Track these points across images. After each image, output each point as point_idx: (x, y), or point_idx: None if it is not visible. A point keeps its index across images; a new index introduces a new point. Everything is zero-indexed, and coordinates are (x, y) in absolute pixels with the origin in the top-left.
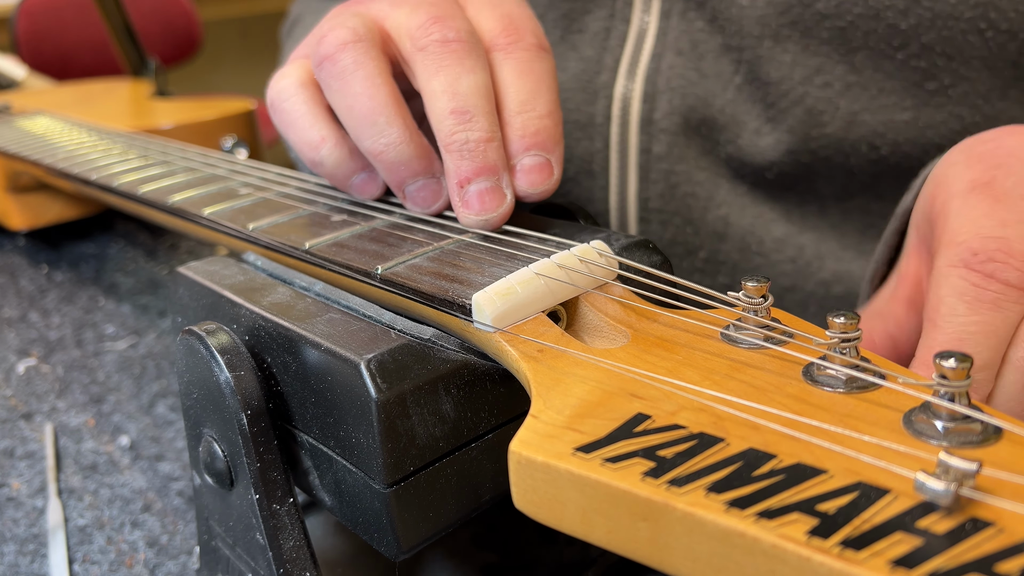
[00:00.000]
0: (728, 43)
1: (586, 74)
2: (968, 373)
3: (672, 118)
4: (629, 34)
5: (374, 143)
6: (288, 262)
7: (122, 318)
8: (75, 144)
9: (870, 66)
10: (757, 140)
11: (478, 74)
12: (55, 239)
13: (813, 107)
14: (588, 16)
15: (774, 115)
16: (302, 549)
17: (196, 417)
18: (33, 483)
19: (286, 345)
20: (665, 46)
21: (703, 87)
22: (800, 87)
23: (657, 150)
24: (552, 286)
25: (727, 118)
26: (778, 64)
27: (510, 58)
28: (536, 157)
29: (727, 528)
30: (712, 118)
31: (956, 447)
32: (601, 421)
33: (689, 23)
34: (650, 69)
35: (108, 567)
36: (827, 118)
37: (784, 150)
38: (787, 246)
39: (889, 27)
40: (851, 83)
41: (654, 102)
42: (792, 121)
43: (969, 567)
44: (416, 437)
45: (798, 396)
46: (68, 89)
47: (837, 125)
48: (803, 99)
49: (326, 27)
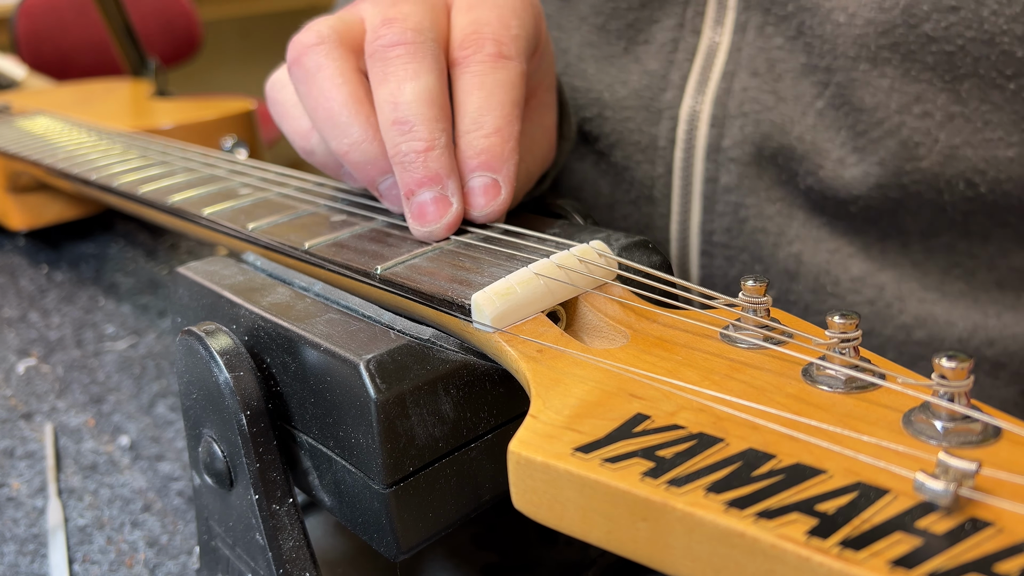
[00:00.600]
0: (813, 64)
1: (650, 90)
2: (968, 373)
3: (744, 147)
4: (699, 48)
5: (338, 144)
6: (288, 262)
7: (122, 318)
8: (75, 144)
9: (977, 96)
10: (842, 172)
11: (422, 79)
12: (55, 239)
13: (909, 139)
14: (655, 26)
15: (864, 145)
16: (302, 549)
17: (196, 417)
18: (33, 483)
19: (285, 345)
20: (739, 64)
21: (780, 112)
22: (896, 116)
23: (725, 180)
24: (551, 286)
25: (807, 146)
26: (873, 90)
27: (465, 72)
28: (481, 178)
29: (726, 528)
30: (790, 147)
31: (955, 447)
32: (600, 421)
33: (767, 39)
34: (720, 89)
35: (108, 567)
36: (923, 151)
37: (873, 184)
38: (866, 286)
39: (1003, 54)
40: (954, 114)
41: (723, 127)
42: (884, 153)
43: (968, 567)
44: (415, 437)
45: (797, 396)
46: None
47: (934, 159)
48: (899, 129)
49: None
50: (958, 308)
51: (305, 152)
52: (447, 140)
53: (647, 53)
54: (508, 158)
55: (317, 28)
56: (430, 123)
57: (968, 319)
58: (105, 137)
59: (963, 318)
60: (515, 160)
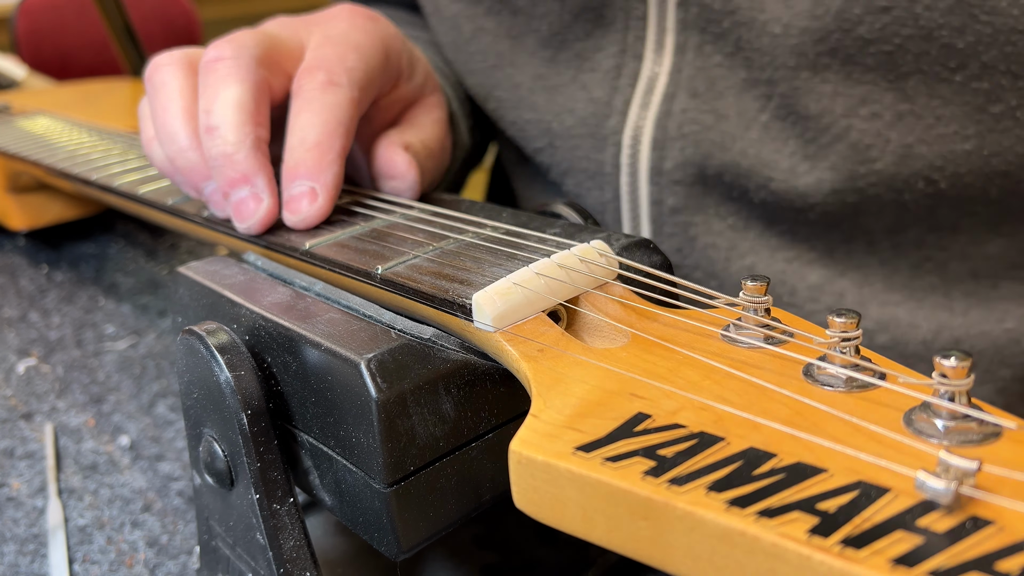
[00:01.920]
0: (755, 77)
1: (595, 118)
2: (969, 372)
3: (686, 169)
4: (641, 73)
5: (169, 150)
6: (288, 262)
7: (122, 318)
8: (75, 144)
9: (924, 92)
10: (794, 181)
11: (232, 88)
12: (55, 239)
13: (859, 141)
14: (600, 54)
15: (814, 152)
16: (302, 549)
17: (196, 417)
18: (33, 483)
19: (286, 345)
20: (678, 86)
21: (720, 130)
22: (844, 120)
23: (671, 202)
24: (552, 286)
25: (751, 160)
26: (817, 96)
27: (297, 97)
28: (300, 186)
29: (727, 527)
30: (734, 163)
31: (956, 446)
32: (601, 420)
33: (706, 58)
34: (661, 112)
35: (108, 567)
36: (876, 152)
37: (828, 190)
38: (824, 293)
39: (944, 47)
40: (902, 112)
41: (664, 150)
42: (836, 158)
43: (969, 566)
44: (416, 437)
45: (798, 395)
46: (68, 89)
47: (888, 160)
48: (847, 133)
49: None
50: (924, 308)
51: (149, 158)
52: (254, 141)
53: (592, 80)
54: (327, 169)
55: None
56: (237, 127)
57: (933, 319)
58: (105, 137)
59: (927, 319)
60: (335, 172)
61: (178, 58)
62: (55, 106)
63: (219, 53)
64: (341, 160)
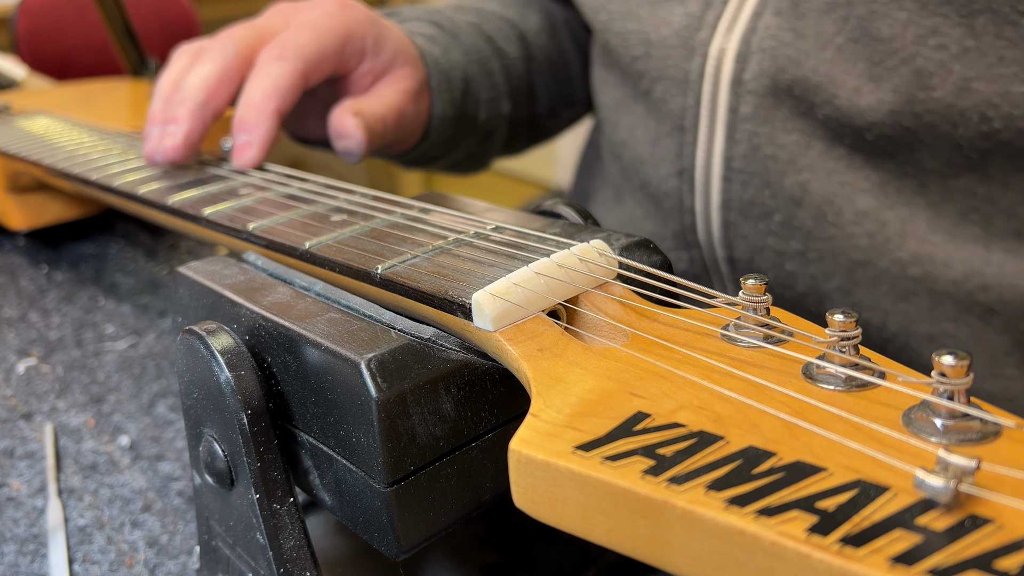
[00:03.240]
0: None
1: (687, 30)
2: (967, 371)
3: (760, 80)
4: None
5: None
6: (288, 262)
7: (122, 318)
8: (75, 144)
9: (991, 31)
10: (857, 100)
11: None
12: (55, 239)
13: (923, 68)
14: None
15: (879, 74)
16: (302, 549)
17: (196, 417)
18: (33, 483)
19: (286, 345)
20: (766, 5)
21: (796, 47)
22: (912, 46)
23: (744, 110)
24: (552, 285)
25: (822, 77)
26: (891, 21)
27: (255, 67)
28: (240, 138)
29: (727, 526)
30: (804, 78)
31: (955, 444)
32: (601, 420)
33: None
34: (747, 28)
35: (108, 567)
36: (937, 81)
37: (887, 111)
38: (868, 220)
39: None
40: (968, 48)
41: (746, 62)
42: (899, 80)
43: (968, 564)
44: (416, 436)
45: (798, 394)
46: (68, 89)
47: (947, 90)
48: (913, 59)
49: None
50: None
51: None
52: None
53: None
54: (260, 124)
55: (190, 42)
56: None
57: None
58: (105, 137)
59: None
60: (268, 127)
61: (192, 48)
62: (55, 106)
63: (210, 44)
64: (275, 118)
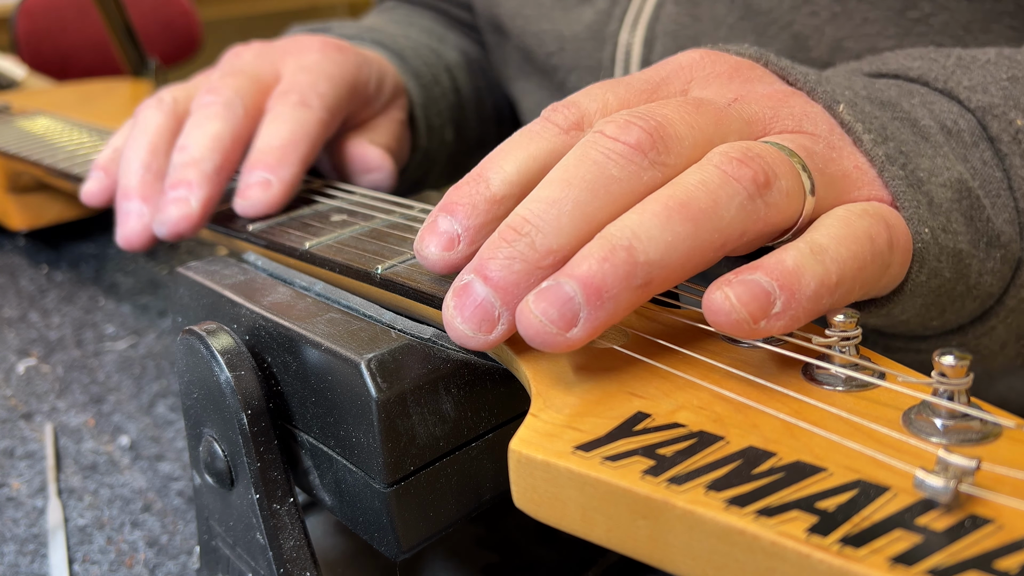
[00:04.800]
0: None
1: (598, 24)
2: (967, 371)
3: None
4: None
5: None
6: (288, 262)
7: (122, 318)
8: (75, 144)
9: None
10: None
11: (214, 124)
12: (55, 239)
13: (800, 32)
14: None
15: (764, 43)
16: (302, 549)
17: (196, 417)
18: (33, 483)
19: (286, 345)
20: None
21: (695, 28)
22: (788, 15)
23: None
24: None
25: None
26: None
27: (270, 112)
28: (255, 176)
29: (727, 526)
30: None
31: (956, 445)
32: (601, 419)
33: None
34: (651, 18)
35: (108, 567)
36: (812, 43)
37: None
38: None
39: None
40: (836, 12)
41: (652, 46)
42: (779, 45)
43: (968, 564)
44: (416, 437)
45: (798, 395)
46: (68, 89)
47: (822, 50)
48: (790, 25)
49: None
50: None
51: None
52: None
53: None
54: (287, 166)
55: (160, 94)
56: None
57: None
58: (105, 137)
59: None
60: (294, 171)
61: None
62: (55, 106)
63: (213, 98)
64: (302, 164)
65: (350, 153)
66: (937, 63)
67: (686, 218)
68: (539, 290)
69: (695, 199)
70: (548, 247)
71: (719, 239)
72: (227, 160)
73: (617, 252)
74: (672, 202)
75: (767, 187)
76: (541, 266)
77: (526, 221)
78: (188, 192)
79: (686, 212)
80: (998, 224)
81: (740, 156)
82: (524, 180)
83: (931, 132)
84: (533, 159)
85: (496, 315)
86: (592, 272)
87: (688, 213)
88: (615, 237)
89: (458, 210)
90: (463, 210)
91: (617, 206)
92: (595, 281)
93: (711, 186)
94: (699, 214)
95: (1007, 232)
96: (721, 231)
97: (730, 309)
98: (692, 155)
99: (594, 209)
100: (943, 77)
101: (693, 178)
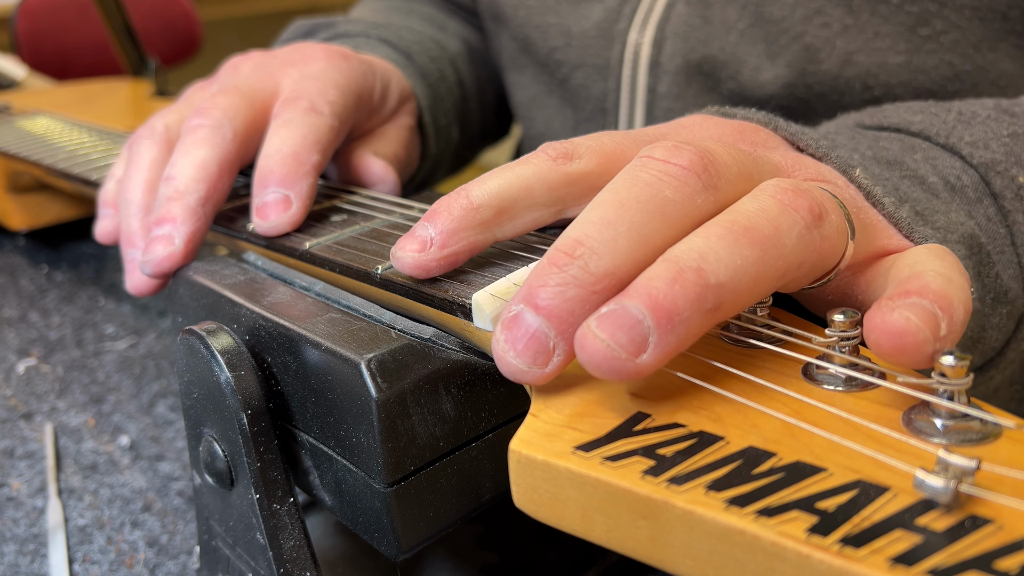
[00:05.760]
0: None
1: (607, 22)
2: (967, 371)
3: (675, 59)
4: None
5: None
6: (288, 262)
7: (122, 318)
8: (75, 144)
9: (867, 10)
10: (757, 76)
11: (201, 151)
12: (55, 239)
13: (811, 44)
14: None
15: (775, 52)
16: (302, 549)
17: (196, 417)
18: (33, 483)
19: (286, 345)
20: None
21: (706, 31)
22: (800, 25)
23: (661, 89)
24: None
25: (727, 56)
26: (781, 5)
27: (277, 118)
28: (272, 193)
29: (727, 526)
30: (712, 56)
31: (956, 445)
32: (601, 420)
33: None
34: (661, 18)
35: (108, 567)
36: (823, 55)
37: (782, 83)
38: None
39: None
40: (848, 25)
41: (661, 47)
42: (790, 56)
43: (968, 564)
44: (416, 437)
45: (798, 395)
46: (68, 89)
47: (833, 63)
48: (802, 36)
49: None
50: None
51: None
52: (199, 199)
53: None
54: (303, 178)
55: (153, 122)
56: (192, 181)
57: None
58: (105, 137)
59: None
60: (310, 183)
61: (155, 133)
62: (55, 106)
63: (201, 120)
64: (316, 174)
65: (353, 165)
66: (938, 118)
67: (752, 243)
68: (601, 314)
69: (757, 225)
70: (604, 270)
71: (782, 266)
72: (214, 189)
73: (686, 273)
74: (736, 227)
75: (821, 219)
76: (596, 291)
77: (579, 243)
78: (172, 229)
79: (751, 237)
80: (1005, 280)
81: (794, 188)
82: (505, 195)
83: (938, 189)
84: (517, 177)
85: (551, 346)
86: (662, 294)
87: (753, 238)
88: (682, 259)
89: (435, 217)
90: (439, 216)
91: (673, 229)
92: (665, 303)
93: (771, 213)
94: (764, 240)
95: (1013, 289)
96: (784, 258)
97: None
98: (739, 185)
99: (650, 231)
100: (944, 132)
101: (751, 206)
